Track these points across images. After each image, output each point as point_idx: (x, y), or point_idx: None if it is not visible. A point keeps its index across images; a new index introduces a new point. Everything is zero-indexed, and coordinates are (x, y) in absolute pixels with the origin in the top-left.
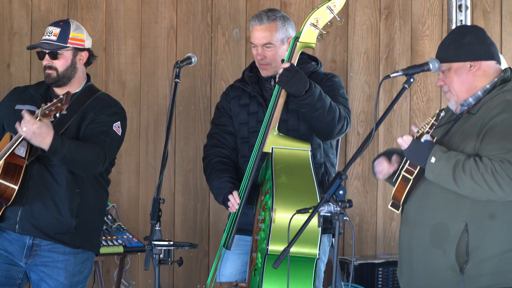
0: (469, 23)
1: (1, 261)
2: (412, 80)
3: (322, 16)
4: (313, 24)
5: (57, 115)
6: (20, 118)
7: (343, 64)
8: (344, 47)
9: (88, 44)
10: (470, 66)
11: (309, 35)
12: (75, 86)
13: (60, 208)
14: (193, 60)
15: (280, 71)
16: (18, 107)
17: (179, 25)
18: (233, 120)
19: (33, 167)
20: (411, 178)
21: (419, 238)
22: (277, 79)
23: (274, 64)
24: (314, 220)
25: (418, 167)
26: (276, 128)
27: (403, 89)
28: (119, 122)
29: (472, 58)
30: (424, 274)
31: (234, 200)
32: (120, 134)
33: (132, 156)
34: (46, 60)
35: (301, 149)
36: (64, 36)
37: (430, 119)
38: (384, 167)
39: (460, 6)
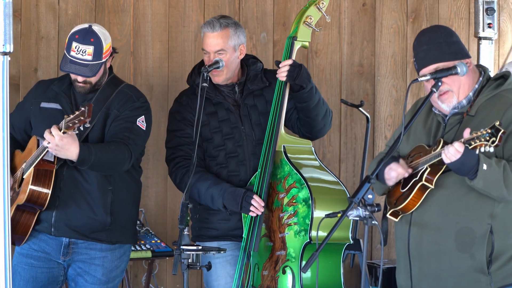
0: (496, 26)
1: (41, 263)
2: (440, 83)
3: (313, 14)
4: (306, 22)
5: (81, 127)
6: (45, 117)
7: (370, 68)
8: (371, 51)
9: (111, 44)
10: (467, 63)
11: (305, 34)
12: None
13: (94, 207)
14: (221, 64)
15: (285, 68)
16: (43, 104)
17: None
18: (201, 129)
19: (63, 169)
20: (431, 186)
21: (442, 243)
22: (284, 77)
23: (225, 71)
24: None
25: (437, 175)
26: (282, 127)
27: (431, 92)
28: (143, 116)
29: (466, 55)
30: (450, 278)
31: (259, 203)
32: (144, 129)
33: (159, 161)
34: (81, 77)
35: (305, 146)
36: (99, 53)
37: (487, 130)
38: (399, 173)
39: (487, 9)
